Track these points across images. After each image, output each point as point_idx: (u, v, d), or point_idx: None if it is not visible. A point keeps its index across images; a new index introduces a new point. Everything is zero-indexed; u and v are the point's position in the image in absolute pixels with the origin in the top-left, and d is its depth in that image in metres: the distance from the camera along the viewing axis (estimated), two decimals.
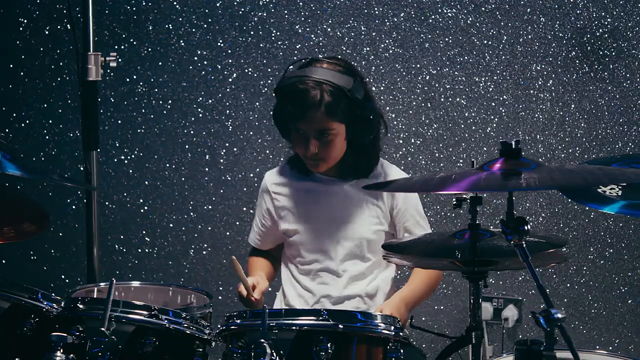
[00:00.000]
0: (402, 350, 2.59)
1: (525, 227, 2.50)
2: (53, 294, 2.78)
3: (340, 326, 2.52)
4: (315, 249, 3.40)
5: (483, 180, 2.46)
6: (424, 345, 4.38)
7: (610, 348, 4.39)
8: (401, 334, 2.60)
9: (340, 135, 3.29)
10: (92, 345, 2.50)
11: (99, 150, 4.02)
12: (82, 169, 4.16)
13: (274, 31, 4.53)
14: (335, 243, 3.37)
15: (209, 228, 4.62)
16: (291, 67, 3.38)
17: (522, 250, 2.49)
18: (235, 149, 4.55)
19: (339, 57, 3.53)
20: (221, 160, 4.57)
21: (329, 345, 2.49)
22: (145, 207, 4.66)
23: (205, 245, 4.62)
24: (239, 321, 2.56)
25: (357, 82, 3.28)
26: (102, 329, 2.49)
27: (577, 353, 2.42)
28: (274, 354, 2.43)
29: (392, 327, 2.59)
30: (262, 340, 2.43)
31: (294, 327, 2.53)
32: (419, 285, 3.32)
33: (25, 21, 4.55)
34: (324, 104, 3.21)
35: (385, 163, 3.47)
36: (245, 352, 2.49)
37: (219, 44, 4.57)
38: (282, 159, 3.90)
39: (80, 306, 2.64)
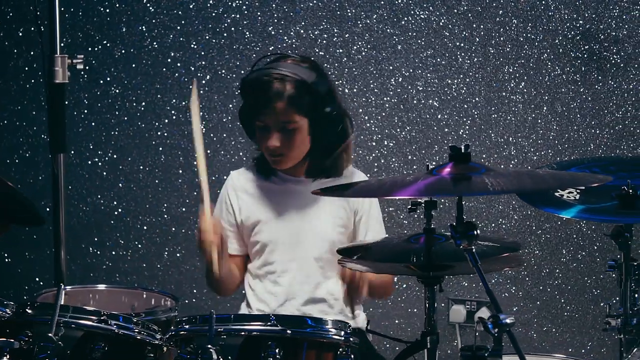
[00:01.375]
0: (352, 356, 2.58)
1: (475, 232, 2.48)
2: (5, 300, 2.76)
3: (289, 331, 2.51)
4: (279, 249, 3.38)
5: (431, 185, 2.45)
6: (397, 348, 4.37)
7: (583, 351, 4.38)
8: (351, 339, 2.58)
9: (303, 130, 3.28)
10: (39, 351, 2.48)
11: (72, 152, 4.03)
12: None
13: (247, 33, 4.52)
14: (300, 243, 3.36)
15: (183, 230, 4.61)
16: (258, 63, 3.37)
17: (472, 255, 2.48)
18: (208, 151, 4.54)
19: (310, 57, 3.53)
20: (195, 162, 4.53)
21: (277, 350, 2.48)
22: (119, 210, 4.65)
23: (179, 248, 4.61)
24: (187, 326, 2.55)
25: (320, 78, 3.29)
26: (50, 334, 2.48)
27: (526, 358, 2.40)
28: (221, 359, 2.42)
29: (343, 333, 2.58)
30: (209, 345, 2.42)
31: (242, 333, 2.52)
32: (375, 275, 3.30)
33: None
34: (286, 95, 3.22)
35: (351, 167, 3.46)
36: (193, 358, 2.48)
37: (192, 45, 4.57)
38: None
39: (29, 311, 2.63)
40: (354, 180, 3.37)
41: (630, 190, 2.91)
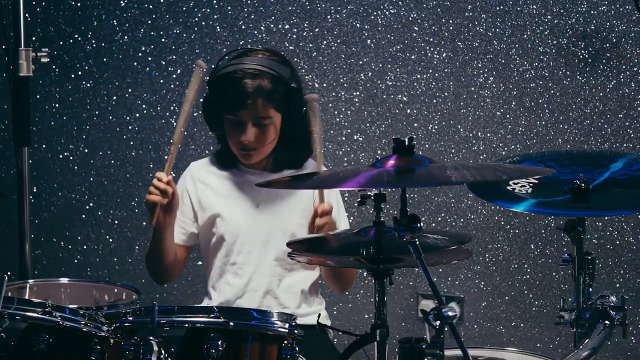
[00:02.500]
0: (297, 348, 2.58)
1: (418, 225, 2.48)
2: None
3: (231, 324, 2.51)
4: (240, 242, 3.38)
5: (374, 177, 2.45)
6: None
7: (551, 346, 4.38)
8: (296, 331, 2.58)
9: (276, 125, 3.30)
10: None
11: (44, 146, 4.02)
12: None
13: (218, 27, 4.52)
14: (261, 237, 3.36)
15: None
16: (226, 57, 3.37)
17: (415, 247, 2.48)
18: (179, 145, 4.52)
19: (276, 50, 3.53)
20: (166, 157, 4.53)
21: (219, 342, 2.48)
22: (90, 204, 4.66)
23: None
24: (131, 318, 2.55)
25: (293, 72, 3.32)
26: None
27: (467, 351, 2.40)
28: (162, 351, 2.43)
29: (287, 325, 2.58)
30: (151, 337, 2.42)
31: (186, 325, 2.52)
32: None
33: None
34: (264, 91, 3.22)
35: (312, 161, 3.46)
36: (136, 349, 2.48)
37: (162, 40, 4.57)
38: None
39: None
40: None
41: (583, 184, 2.91)
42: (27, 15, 4.13)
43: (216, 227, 3.39)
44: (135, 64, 4.58)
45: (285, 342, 2.58)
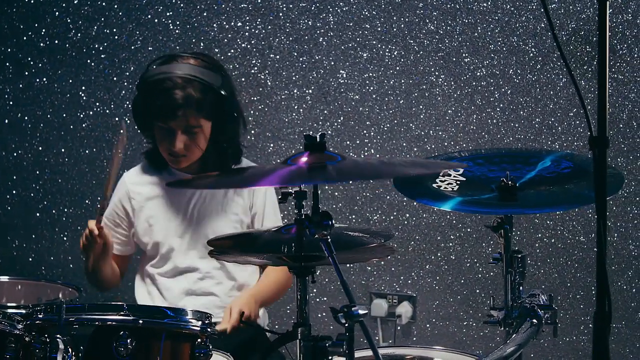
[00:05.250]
0: (210, 346, 2.56)
1: (330, 222, 2.46)
2: None
3: (140, 321, 2.49)
4: (175, 247, 3.37)
5: (286, 175, 2.43)
6: None
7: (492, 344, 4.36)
8: (209, 329, 2.56)
9: (206, 132, 3.29)
10: None
11: None
12: None
13: (171, 25, 4.50)
14: (194, 240, 3.35)
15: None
16: (154, 65, 3.35)
17: (327, 244, 2.46)
18: (133, 144, 4.52)
19: (205, 52, 3.52)
20: (119, 155, 4.53)
21: (128, 340, 2.46)
22: (45, 202, 4.64)
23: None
24: (41, 315, 2.53)
25: (224, 79, 3.29)
26: None
27: (378, 351, 2.38)
28: (70, 349, 2.41)
29: (200, 323, 2.56)
30: (58, 335, 2.41)
31: (96, 322, 2.50)
32: (267, 284, 3.32)
33: None
34: (193, 101, 3.20)
35: (246, 160, 3.46)
36: (45, 348, 2.46)
37: (115, 37, 4.55)
38: None
39: None
40: None
41: (510, 182, 2.89)
42: None
43: (149, 234, 3.38)
44: (88, 61, 4.57)
45: (199, 340, 2.56)
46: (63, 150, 4.61)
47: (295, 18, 4.42)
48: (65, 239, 4.63)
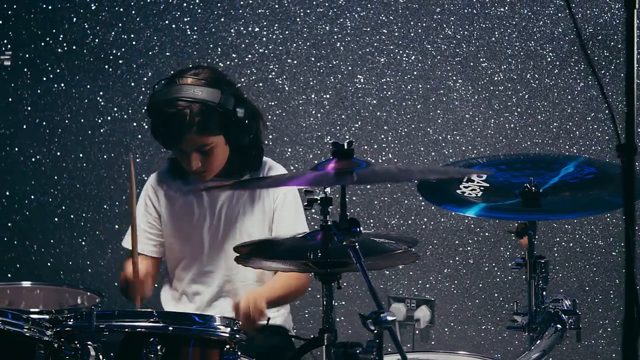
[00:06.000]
0: (239, 353, 2.58)
1: (358, 229, 2.48)
2: None
3: (170, 328, 2.50)
4: (199, 250, 3.38)
5: (315, 179, 2.45)
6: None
7: (522, 349, 4.35)
8: (237, 336, 2.58)
9: (220, 146, 3.29)
10: None
11: (16, 149, 3.98)
12: None
13: (188, 30, 4.52)
14: (222, 244, 3.36)
15: (126, 228, 4.59)
16: (155, 88, 3.36)
17: (355, 251, 2.47)
18: (150, 148, 4.55)
19: (204, 65, 3.52)
20: (137, 160, 4.56)
21: (158, 347, 2.48)
22: (63, 207, 4.66)
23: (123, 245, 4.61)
24: (71, 322, 2.55)
25: (224, 93, 3.24)
26: None
27: (406, 355, 2.39)
28: (100, 356, 2.42)
29: (229, 330, 2.58)
30: (88, 342, 2.42)
31: (125, 329, 2.52)
32: (278, 285, 3.31)
33: None
34: (195, 124, 3.19)
35: (270, 161, 3.46)
36: (75, 355, 2.48)
37: (133, 43, 4.56)
38: None
39: None
40: (272, 173, 3.38)
41: (533, 188, 2.90)
42: None
43: (177, 238, 3.38)
44: (106, 66, 4.58)
45: (227, 346, 2.58)
46: (81, 155, 4.63)
47: (313, 23, 4.43)
48: (83, 243, 4.65)
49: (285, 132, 4.45)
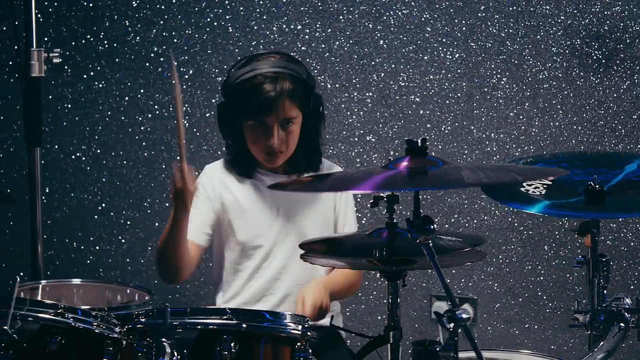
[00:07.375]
0: (310, 350, 2.57)
1: (432, 227, 2.47)
2: None
3: (244, 325, 2.50)
4: (260, 245, 3.36)
5: (387, 179, 2.44)
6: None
7: (565, 348, 4.36)
8: (309, 333, 2.57)
9: (299, 125, 3.29)
10: None
11: (56, 147, 4.00)
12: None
13: (230, 28, 4.51)
14: (282, 241, 3.34)
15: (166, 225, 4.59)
16: (234, 68, 3.33)
17: (428, 249, 2.47)
18: (191, 146, 4.54)
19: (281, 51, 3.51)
20: (178, 157, 4.54)
21: (232, 344, 2.48)
22: (103, 204, 4.66)
23: None
24: (144, 319, 2.54)
25: (308, 72, 3.31)
26: (5, 327, 2.47)
27: (481, 353, 2.39)
28: (175, 353, 2.42)
29: (300, 327, 2.57)
30: (163, 339, 2.42)
31: (198, 327, 2.52)
32: (338, 277, 3.29)
33: None
34: (287, 91, 3.20)
35: (326, 161, 3.46)
36: (148, 352, 2.47)
37: (174, 40, 4.56)
38: None
39: None
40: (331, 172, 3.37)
41: (597, 186, 2.89)
42: (39, 15, 4.12)
43: (236, 232, 3.36)
44: (147, 64, 4.58)
45: (299, 344, 2.57)
46: (121, 152, 4.63)
47: (356, 21, 4.42)
48: (123, 241, 4.65)
49: (327, 130, 4.41)
